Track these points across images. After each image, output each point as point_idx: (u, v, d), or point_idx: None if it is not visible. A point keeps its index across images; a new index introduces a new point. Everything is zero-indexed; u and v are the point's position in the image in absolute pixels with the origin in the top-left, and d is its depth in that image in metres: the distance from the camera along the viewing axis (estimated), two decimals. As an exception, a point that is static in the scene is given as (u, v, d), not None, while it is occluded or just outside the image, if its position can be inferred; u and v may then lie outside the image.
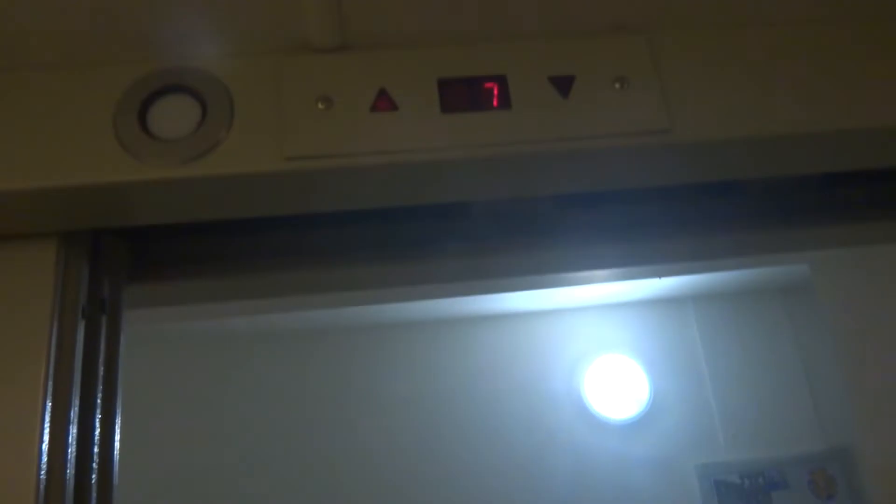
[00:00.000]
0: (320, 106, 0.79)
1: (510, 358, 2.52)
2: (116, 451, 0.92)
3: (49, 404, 0.81)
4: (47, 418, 0.81)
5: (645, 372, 2.52)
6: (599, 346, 2.55)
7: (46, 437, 0.80)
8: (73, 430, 0.85)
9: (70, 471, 0.83)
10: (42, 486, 0.79)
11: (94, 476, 0.88)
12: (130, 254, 0.92)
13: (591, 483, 2.38)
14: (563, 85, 0.82)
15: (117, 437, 0.92)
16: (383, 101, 0.80)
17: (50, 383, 0.81)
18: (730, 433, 2.46)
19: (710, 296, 2.62)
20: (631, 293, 2.53)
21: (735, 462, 2.43)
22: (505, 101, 0.80)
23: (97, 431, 0.89)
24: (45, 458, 0.80)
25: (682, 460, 2.42)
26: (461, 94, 0.80)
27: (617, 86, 0.82)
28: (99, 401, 0.88)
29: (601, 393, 2.49)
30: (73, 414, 0.85)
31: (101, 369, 0.85)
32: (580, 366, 2.53)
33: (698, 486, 2.40)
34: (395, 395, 2.45)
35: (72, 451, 0.84)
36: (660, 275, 1.83)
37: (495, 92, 0.81)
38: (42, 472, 0.80)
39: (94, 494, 0.88)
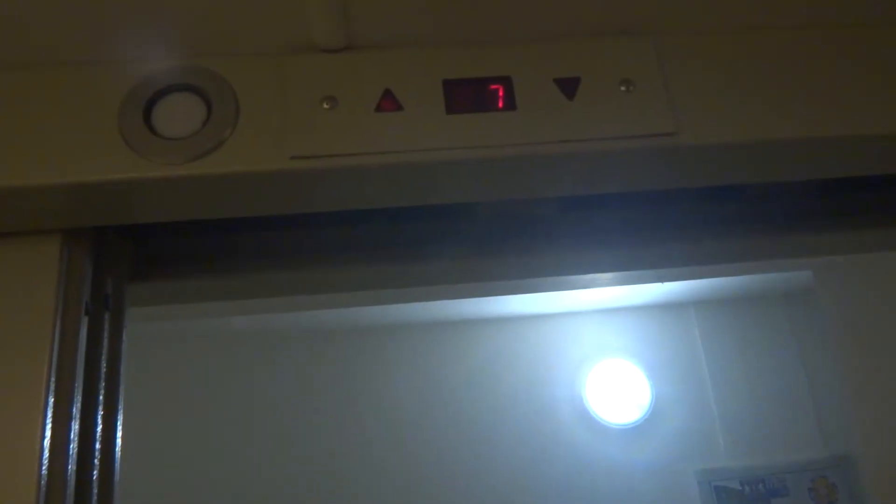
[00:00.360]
0: (325, 106, 0.80)
1: (512, 361, 2.52)
2: (118, 448, 0.92)
3: (51, 400, 0.81)
4: (49, 414, 0.81)
5: (646, 377, 2.51)
6: (601, 350, 2.55)
7: (48, 433, 0.80)
8: (75, 426, 0.85)
9: (71, 466, 0.83)
10: (43, 482, 0.79)
11: (95, 472, 0.88)
12: (134, 251, 0.92)
13: (592, 487, 2.37)
14: (569, 87, 0.82)
15: (119, 434, 0.92)
16: (388, 102, 0.80)
17: (52, 379, 0.81)
18: (731, 439, 2.46)
19: (712, 301, 2.62)
20: (633, 298, 2.53)
21: (736, 468, 2.42)
22: (510, 103, 0.80)
23: (99, 428, 0.89)
24: (46, 454, 0.80)
25: (683, 466, 2.42)
26: (466, 95, 0.80)
27: (623, 88, 0.82)
28: (101, 397, 0.88)
29: (602, 397, 2.49)
30: (76, 410, 0.85)
31: (104, 366, 0.86)
32: (582, 370, 2.53)
33: (698, 492, 2.40)
34: (396, 396, 2.45)
35: (73, 446, 0.84)
36: (662, 279, 1.83)
37: (500, 93, 0.81)
38: (43, 468, 0.79)
39: (95, 490, 0.88)
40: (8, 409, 0.79)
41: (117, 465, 0.92)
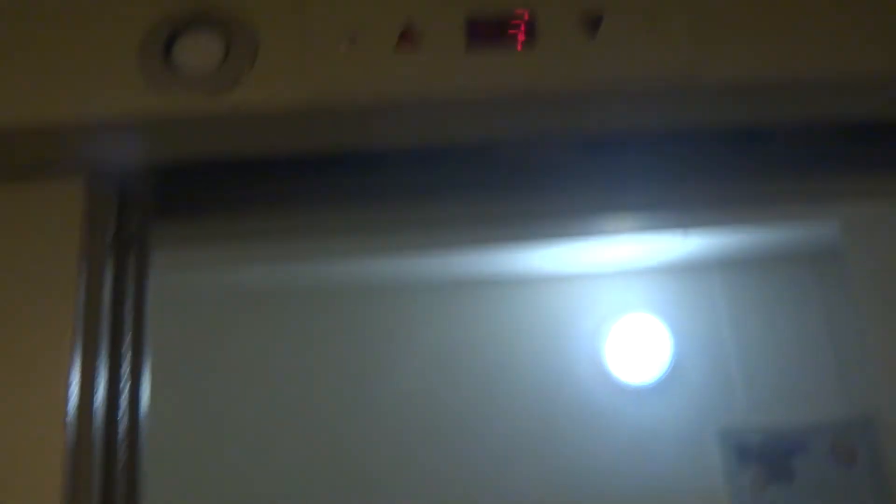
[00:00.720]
0: (344, 43, 0.79)
1: (533, 321, 2.52)
2: (146, 387, 0.93)
3: (79, 338, 0.82)
4: (77, 352, 0.82)
5: (668, 335, 2.50)
6: (623, 310, 2.54)
7: (76, 372, 0.82)
8: (103, 364, 0.86)
9: (98, 404, 0.85)
10: (70, 419, 0.81)
11: (122, 412, 0.90)
12: (158, 193, 0.92)
13: (612, 446, 2.38)
14: (592, 24, 0.80)
15: (146, 372, 0.94)
16: (408, 38, 0.79)
17: (79, 319, 0.82)
18: (752, 398, 2.45)
19: (737, 262, 2.58)
20: (657, 257, 2.51)
21: (756, 427, 2.42)
22: (532, 39, 0.79)
23: (126, 366, 0.90)
24: (74, 390, 0.82)
25: (703, 424, 2.42)
26: (488, 32, 0.79)
27: (646, 25, 0.81)
28: (128, 336, 0.89)
29: (623, 356, 2.48)
30: (103, 348, 0.86)
31: (130, 305, 0.87)
32: (602, 330, 2.52)
33: (718, 450, 2.40)
34: (414, 355, 2.46)
35: (101, 383, 0.86)
36: (685, 228, 1.79)
37: (522, 29, 0.79)
38: (71, 404, 0.81)
39: (121, 427, 0.90)
40: (36, 349, 0.81)
41: (144, 402, 0.94)
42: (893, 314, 1.97)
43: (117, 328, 0.85)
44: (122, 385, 0.90)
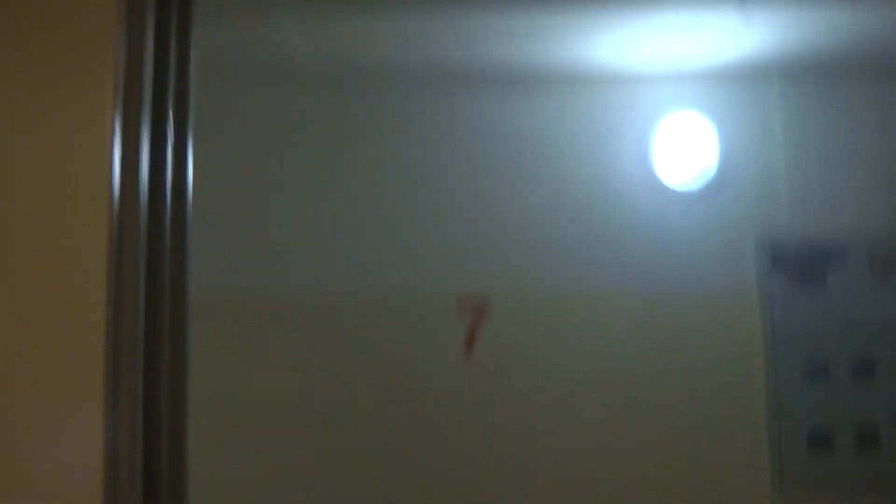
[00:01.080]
0: None
1: (583, 123, 2.45)
2: (189, 155, 0.88)
3: (119, 96, 0.76)
4: (119, 111, 0.76)
5: (716, 140, 2.42)
6: (673, 113, 2.45)
7: (119, 131, 0.76)
8: (146, 126, 0.81)
9: (143, 166, 0.80)
10: (116, 179, 0.75)
11: (168, 174, 0.85)
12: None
13: (651, 245, 2.40)
14: None
15: (190, 137, 0.88)
16: None
17: (121, 68, 0.76)
18: (794, 207, 2.41)
19: (797, 72, 2.41)
20: (711, 58, 2.33)
21: (796, 235, 2.40)
22: None
23: (170, 128, 0.84)
24: (117, 153, 0.76)
25: (743, 229, 2.40)
26: None
27: None
28: (172, 93, 0.82)
29: (670, 160, 2.43)
30: (146, 106, 0.80)
31: (174, 41, 0.78)
32: (652, 132, 2.44)
33: (755, 255, 2.40)
34: (461, 147, 2.44)
35: (145, 145, 0.80)
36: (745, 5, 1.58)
37: None
38: (115, 164, 0.75)
39: (168, 190, 0.85)
40: (77, 99, 0.78)
41: (189, 168, 0.89)
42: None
43: (161, 76, 0.78)
44: (166, 148, 0.85)
